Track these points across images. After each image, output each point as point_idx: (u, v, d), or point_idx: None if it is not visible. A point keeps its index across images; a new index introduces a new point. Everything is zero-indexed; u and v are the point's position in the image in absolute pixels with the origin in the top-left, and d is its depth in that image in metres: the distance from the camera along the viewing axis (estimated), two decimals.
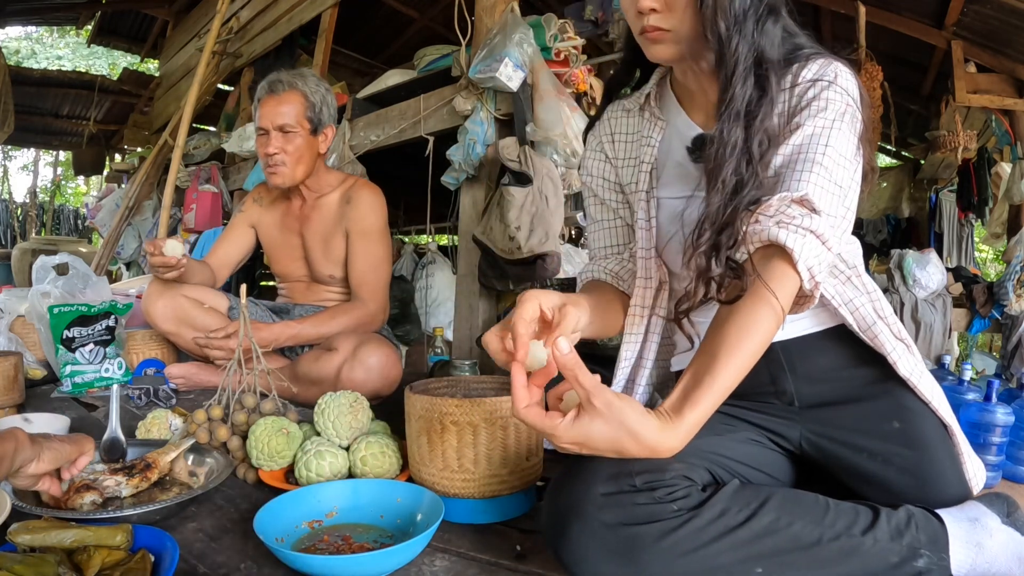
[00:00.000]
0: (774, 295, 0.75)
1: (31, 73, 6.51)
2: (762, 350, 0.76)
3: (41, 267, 2.21)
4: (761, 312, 0.75)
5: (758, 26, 0.86)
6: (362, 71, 5.69)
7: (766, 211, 0.79)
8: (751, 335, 0.75)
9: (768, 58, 0.86)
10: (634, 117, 1.11)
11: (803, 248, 0.75)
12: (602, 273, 1.13)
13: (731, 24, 0.83)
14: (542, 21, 2.28)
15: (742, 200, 0.81)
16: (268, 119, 1.89)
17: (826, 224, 0.78)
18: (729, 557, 0.76)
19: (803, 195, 0.79)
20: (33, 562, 0.74)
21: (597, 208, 1.18)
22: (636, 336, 1.08)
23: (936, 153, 4.44)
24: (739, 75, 0.84)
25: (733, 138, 0.83)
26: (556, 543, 0.80)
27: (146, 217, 4.40)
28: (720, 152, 0.84)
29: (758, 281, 0.76)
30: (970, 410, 1.30)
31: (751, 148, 0.83)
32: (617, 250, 1.16)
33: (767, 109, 0.84)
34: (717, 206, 0.83)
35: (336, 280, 2.06)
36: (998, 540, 0.81)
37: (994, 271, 7.97)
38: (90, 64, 11.96)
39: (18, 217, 10.46)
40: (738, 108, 0.84)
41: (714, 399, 0.73)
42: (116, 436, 1.17)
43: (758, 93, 0.85)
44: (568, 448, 0.71)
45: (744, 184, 0.82)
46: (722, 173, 0.83)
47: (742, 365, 0.74)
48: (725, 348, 0.74)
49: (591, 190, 1.17)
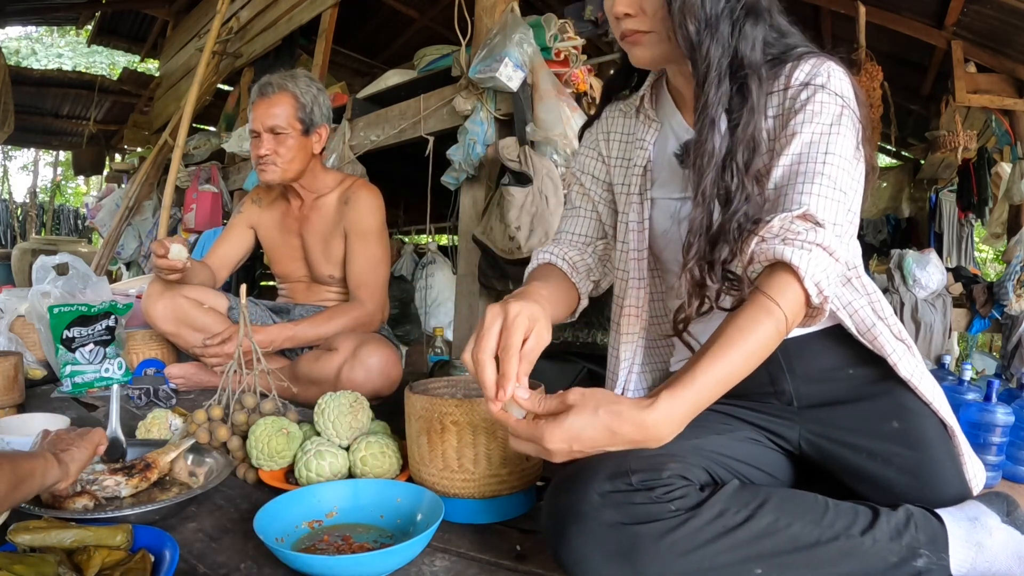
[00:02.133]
0: (775, 303, 0.75)
1: (31, 73, 6.52)
2: (760, 352, 0.76)
3: (41, 267, 2.21)
4: (760, 316, 0.76)
5: (735, 29, 0.84)
6: (362, 71, 5.69)
7: (769, 231, 0.79)
8: (748, 335, 0.75)
9: (749, 62, 0.84)
10: (630, 118, 1.12)
11: (809, 263, 0.75)
12: (559, 259, 1.12)
13: (701, 27, 0.82)
14: (542, 21, 2.29)
15: (734, 215, 0.81)
16: (259, 121, 1.90)
17: (831, 235, 0.78)
18: (728, 557, 0.76)
19: (804, 211, 0.79)
20: (33, 562, 0.74)
21: (578, 196, 1.18)
22: (633, 336, 1.08)
23: (936, 153, 4.44)
24: (712, 80, 0.83)
25: (710, 146, 0.83)
26: (555, 543, 0.80)
27: (146, 217, 4.40)
28: (698, 162, 0.83)
29: (760, 292, 0.77)
30: (970, 410, 1.30)
31: (735, 158, 0.82)
32: (584, 240, 1.16)
33: (749, 116, 0.83)
34: (700, 218, 0.82)
35: (336, 280, 2.06)
36: (998, 539, 0.81)
37: (994, 271, 7.97)
38: (91, 62, 11.96)
39: (18, 217, 10.46)
40: (712, 115, 0.83)
41: (701, 387, 0.73)
42: (116, 436, 1.17)
43: (739, 100, 0.84)
44: (561, 450, 0.72)
45: (732, 196, 0.81)
46: (702, 183, 0.83)
47: (737, 362, 0.75)
48: (720, 343, 0.75)
49: (577, 179, 1.18)
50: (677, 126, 1.03)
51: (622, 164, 1.12)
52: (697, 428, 0.96)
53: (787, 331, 0.77)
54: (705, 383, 0.73)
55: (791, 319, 0.76)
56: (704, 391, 0.73)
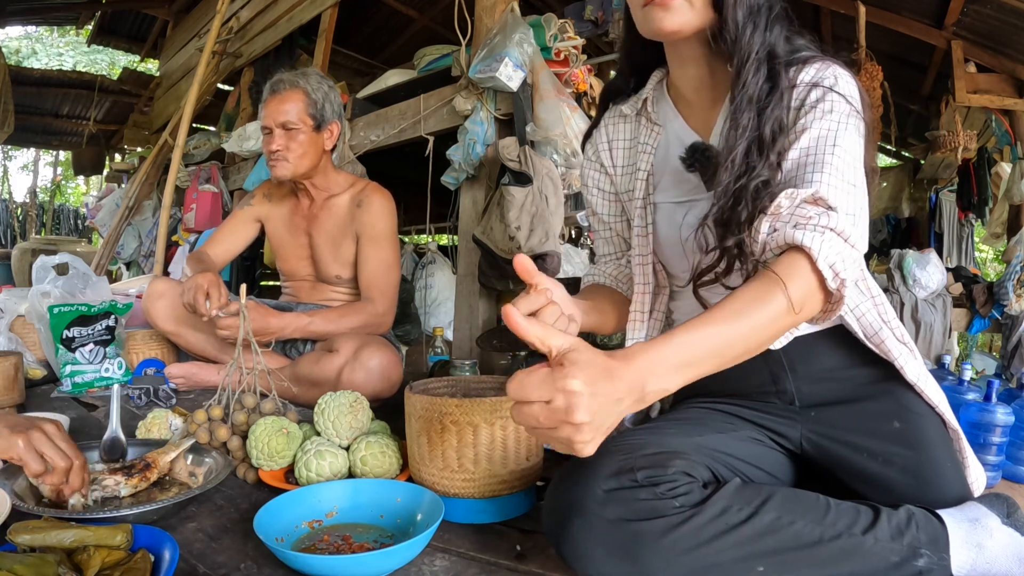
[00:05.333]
0: (783, 282, 0.72)
1: (31, 73, 6.51)
2: (759, 330, 0.72)
3: (41, 267, 2.21)
4: (772, 290, 0.72)
5: (769, 23, 0.88)
6: (362, 71, 5.68)
7: (780, 214, 0.78)
8: (752, 307, 0.71)
9: (778, 53, 0.88)
10: (631, 123, 1.11)
11: (822, 245, 0.74)
12: (602, 277, 1.20)
13: (747, 14, 0.86)
14: (542, 21, 2.28)
15: (753, 178, 0.82)
16: (271, 118, 1.92)
17: (845, 221, 0.77)
18: (730, 555, 0.76)
19: (814, 192, 0.78)
20: (33, 562, 0.73)
21: (594, 220, 1.23)
22: (637, 339, 1.09)
23: (936, 153, 4.44)
24: (752, 63, 0.86)
25: (745, 121, 0.85)
26: (558, 540, 0.80)
27: (146, 217, 4.40)
28: (732, 134, 0.85)
29: (771, 270, 0.74)
30: (970, 410, 1.30)
31: (763, 133, 0.84)
32: (614, 257, 1.23)
33: (777, 100, 0.86)
34: (727, 182, 0.83)
35: (343, 281, 2.07)
36: (998, 540, 0.81)
37: (994, 271, 7.97)
38: (92, 60, 11.96)
39: (18, 217, 10.47)
40: (751, 94, 0.86)
41: (695, 345, 0.68)
42: (116, 436, 1.17)
43: (769, 85, 0.87)
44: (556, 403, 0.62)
45: (754, 165, 0.83)
46: (733, 152, 0.84)
47: (736, 331, 0.70)
48: (720, 310, 0.71)
49: (589, 204, 1.22)
50: (680, 130, 1.03)
51: (627, 172, 1.13)
52: (700, 426, 0.97)
53: (799, 316, 0.74)
54: (695, 345, 0.68)
55: (801, 301, 0.73)
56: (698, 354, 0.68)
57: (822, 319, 0.79)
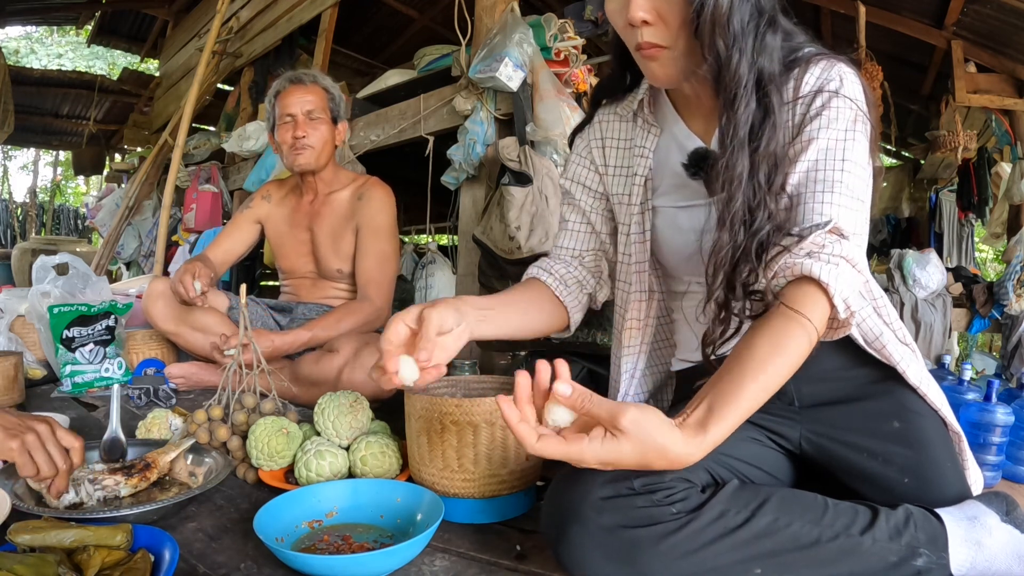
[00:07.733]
0: (808, 319, 0.75)
1: (31, 73, 6.51)
2: (792, 370, 0.76)
3: (41, 267, 2.21)
4: (794, 331, 0.75)
5: (758, 41, 0.82)
6: (362, 71, 5.69)
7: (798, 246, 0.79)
8: (782, 353, 0.74)
9: (769, 74, 0.83)
10: (627, 123, 1.08)
11: (837, 279, 0.75)
12: (545, 274, 1.12)
13: (730, 43, 0.79)
14: (542, 21, 2.29)
15: (756, 234, 0.80)
16: (296, 106, 1.99)
17: (855, 246, 0.78)
18: (728, 558, 0.76)
19: (831, 225, 0.79)
20: (33, 562, 0.73)
21: (568, 208, 1.17)
22: (634, 348, 1.08)
23: (936, 153, 4.45)
24: (741, 98, 0.80)
25: (740, 168, 0.80)
26: (556, 546, 0.81)
27: (146, 217, 4.40)
28: (728, 185, 0.81)
29: (791, 308, 0.76)
30: (970, 410, 1.30)
31: (757, 176, 0.80)
32: (572, 253, 1.15)
33: (771, 133, 0.81)
34: (728, 244, 0.80)
35: (343, 275, 2.08)
36: (998, 538, 0.81)
37: (994, 271, 7.97)
38: (91, 65, 11.96)
39: (18, 217, 10.47)
40: (743, 135, 0.81)
41: (739, 415, 0.73)
42: (116, 436, 1.16)
43: (761, 115, 0.82)
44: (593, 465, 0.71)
45: (756, 216, 0.80)
46: (732, 207, 0.80)
47: (770, 384, 0.74)
48: (753, 364, 0.74)
49: (568, 192, 1.17)
50: (679, 133, 1.01)
51: (621, 173, 1.09)
52: None
53: (816, 342, 0.77)
54: (748, 409, 0.73)
55: (821, 331, 0.77)
56: (738, 420, 0.73)
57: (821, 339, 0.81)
